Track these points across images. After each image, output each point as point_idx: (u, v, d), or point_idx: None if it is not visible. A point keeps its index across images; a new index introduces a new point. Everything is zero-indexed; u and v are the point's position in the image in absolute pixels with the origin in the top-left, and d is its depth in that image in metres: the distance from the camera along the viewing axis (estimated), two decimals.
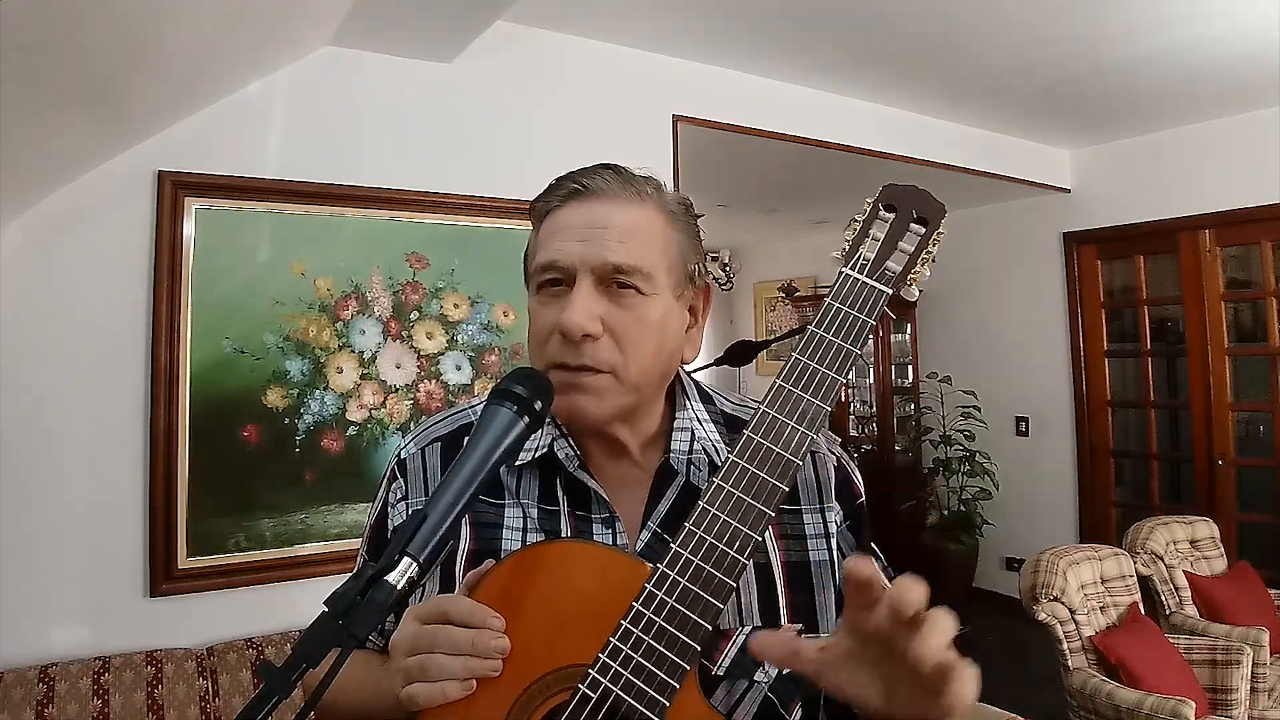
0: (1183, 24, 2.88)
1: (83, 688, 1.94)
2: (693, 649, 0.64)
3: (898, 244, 0.77)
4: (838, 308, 0.74)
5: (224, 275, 2.31)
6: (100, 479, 2.17)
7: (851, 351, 0.72)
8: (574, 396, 0.77)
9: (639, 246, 0.79)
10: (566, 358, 0.76)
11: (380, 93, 2.55)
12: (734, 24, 2.87)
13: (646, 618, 0.65)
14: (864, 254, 0.76)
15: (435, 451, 0.87)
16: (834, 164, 3.91)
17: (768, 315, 7.36)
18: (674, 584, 0.66)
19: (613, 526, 0.80)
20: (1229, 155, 4.02)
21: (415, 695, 0.64)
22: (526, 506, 0.82)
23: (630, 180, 0.82)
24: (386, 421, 2.52)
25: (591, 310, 0.76)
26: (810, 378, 0.71)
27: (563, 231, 0.80)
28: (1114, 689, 2.51)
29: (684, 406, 0.86)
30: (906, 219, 0.78)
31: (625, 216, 0.80)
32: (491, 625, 0.66)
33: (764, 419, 0.71)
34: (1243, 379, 4.21)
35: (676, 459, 0.82)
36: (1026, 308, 4.96)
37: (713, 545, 0.67)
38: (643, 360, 0.79)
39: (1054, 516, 4.77)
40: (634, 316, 0.78)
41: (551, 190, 0.83)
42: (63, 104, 1.73)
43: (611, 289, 0.78)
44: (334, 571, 2.35)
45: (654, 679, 0.64)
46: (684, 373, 0.90)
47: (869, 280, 0.75)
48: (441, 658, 0.65)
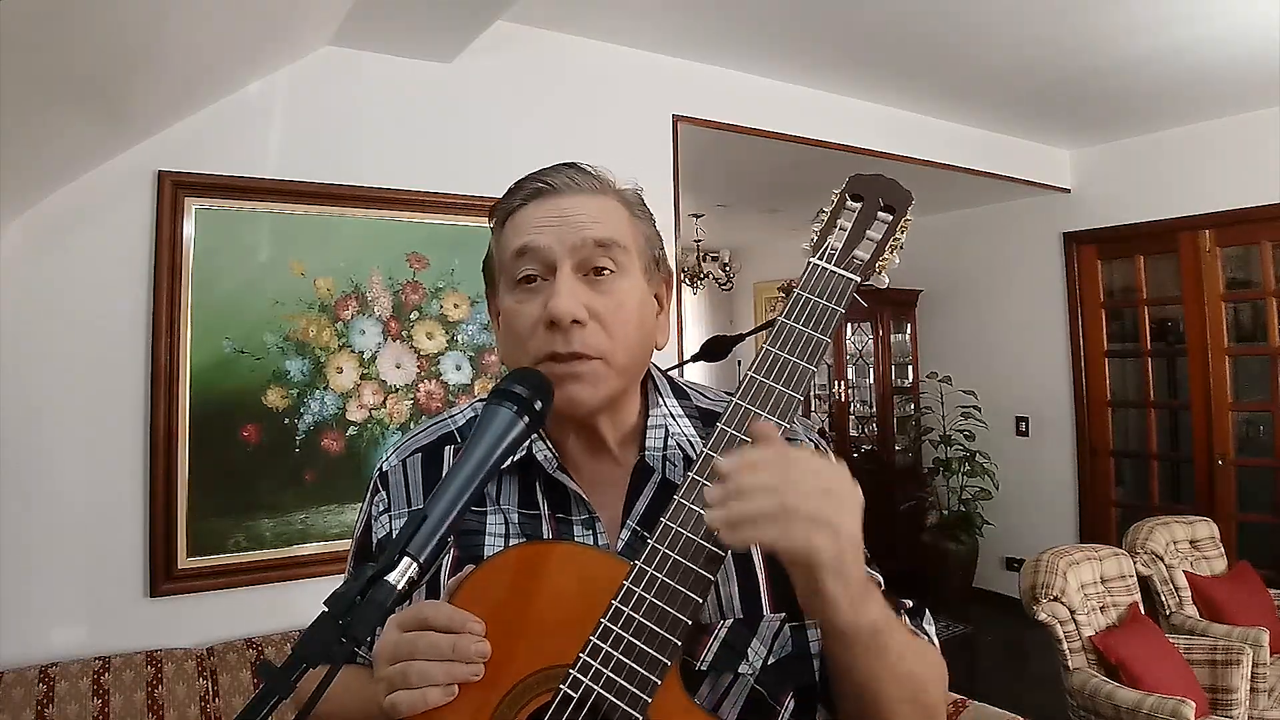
0: (1183, 24, 2.88)
1: (83, 688, 1.94)
2: (673, 644, 0.64)
3: (865, 232, 0.78)
4: (806, 297, 0.74)
5: (224, 275, 2.31)
6: (100, 479, 2.17)
7: (822, 340, 0.72)
8: (569, 386, 0.77)
9: (611, 225, 0.81)
10: (557, 346, 0.76)
11: (380, 93, 2.55)
12: (734, 24, 2.87)
13: (626, 615, 0.65)
14: (831, 243, 0.77)
15: (416, 463, 0.87)
16: (834, 164, 3.91)
17: (767, 315, 7.37)
18: (652, 580, 0.66)
19: (593, 528, 0.80)
20: (1229, 155, 4.02)
21: (398, 703, 0.64)
22: (508, 512, 0.82)
23: (590, 174, 0.84)
24: (386, 421, 2.52)
25: (578, 297, 0.77)
26: (781, 367, 0.72)
27: (532, 223, 0.80)
28: (1114, 689, 2.51)
29: (657, 403, 0.86)
30: (874, 207, 0.79)
31: (592, 204, 0.81)
32: (472, 630, 0.66)
33: (736, 410, 0.71)
34: (1243, 379, 4.21)
35: (652, 456, 0.82)
36: (1026, 308, 4.96)
37: (689, 539, 0.67)
38: (629, 343, 0.79)
39: (1054, 516, 4.77)
40: (615, 301, 0.79)
41: (513, 191, 0.84)
42: (63, 104, 1.73)
43: (589, 276, 0.79)
44: (334, 571, 2.35)
45: (635, 676, 0.64)
46: (656, 369, 0.90)
47: (837, 269, 0.76)
48: (422, 664, 0.65)
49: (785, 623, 0.78)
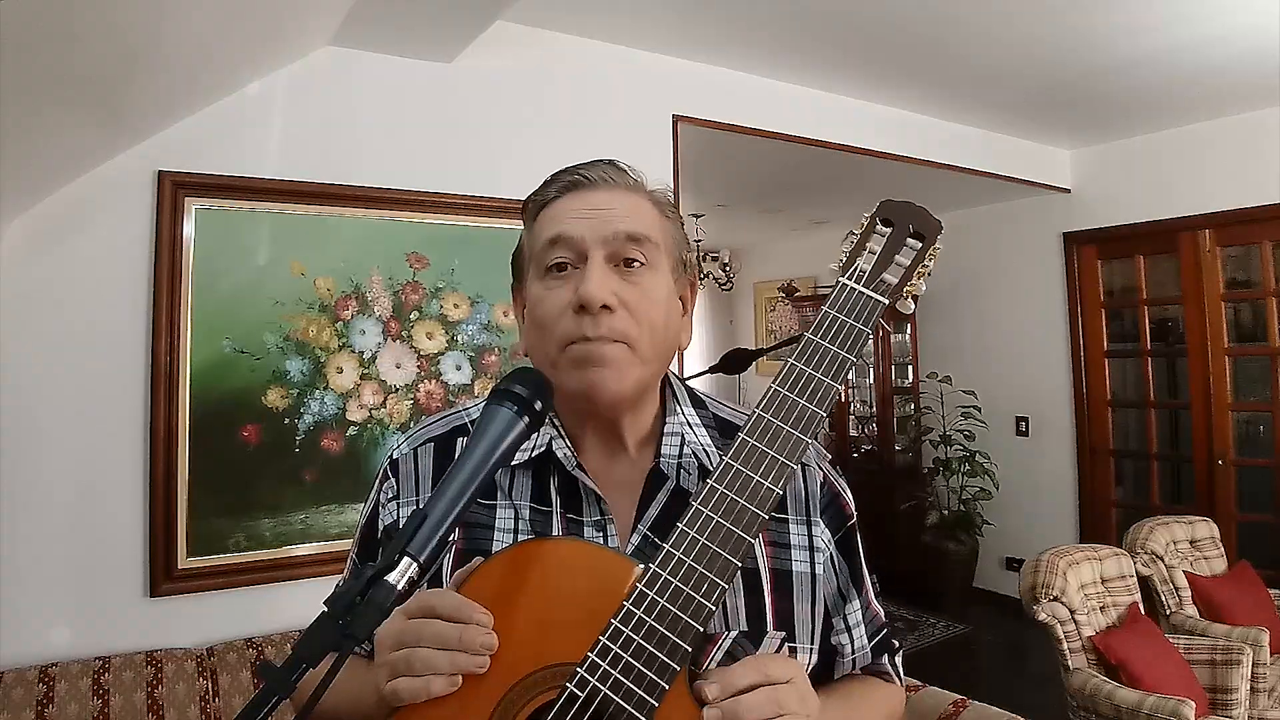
0: (1183, 24, 2.88)
1: (83, 688, 1.94)
2: (683, 650, 0.64)
3: (894, 257, 0.79)
4: (835, 316, 0.75)
5: (224, 275, 2.31)
6: (100, 479, 2.16)
7: (847, 359, 0.73)
8: (593, 370, 0.77)
9: (643, 221, 0.82)
10: (585, 330, 0.77)
11: (380, 93, 2.55)
12: (734, 24, 2.87)
13: (637, 617, 0.65)
14: (861, 265, 0.78)
15: (428, 452, 0.87)
16: (834, 164, 3.91)
17: (768, 315, 7.36)
18: (665, 584, 0.65)
19: (604, 529, 0.80)
20: (1229, 155, 4.02)
21: (399, 689, 0.64)
22: (519, 507, 0.82)
23: (626, 172, 0.85)
24: (386, 421, 2.52)
25: (608, 284, 0.77)
26: (807, 384, 0.72)
27: (567, 214, 0.81)
28: (1114, 689, 2.51)
29: (674, 411, 0.86)
30: (903, 233, 0.80)
31: (626, 200, 0.82)
32: (479, 621, 0.65)
33: (759, 422, 0.71)
34: (1243, 379, 4.21)
35: (666, 463, 0.82)
36: (1026, 308, 4.96)
37: (705, 546, 0.66)
38: (655, 332, 0.80)
39: (1054, 516, 4.77)
40: (643, 291, 0.80)
41: (548, 184, 0.85)
42: (63, 104, 1.73)
43: (620, 267, 0.80)
44: (334, 571, 2.34)
45: (643, 679, 0.63)
46: (675, 377, 0.90)
47: (866, 290, 0.77)
48: (427, 652, 0.64)
49: (785, 642, 0.79)
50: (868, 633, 0.88)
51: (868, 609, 0.89)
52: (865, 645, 0.88)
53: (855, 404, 5.97)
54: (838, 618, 0.86)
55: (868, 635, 0.88)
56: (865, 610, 0.88)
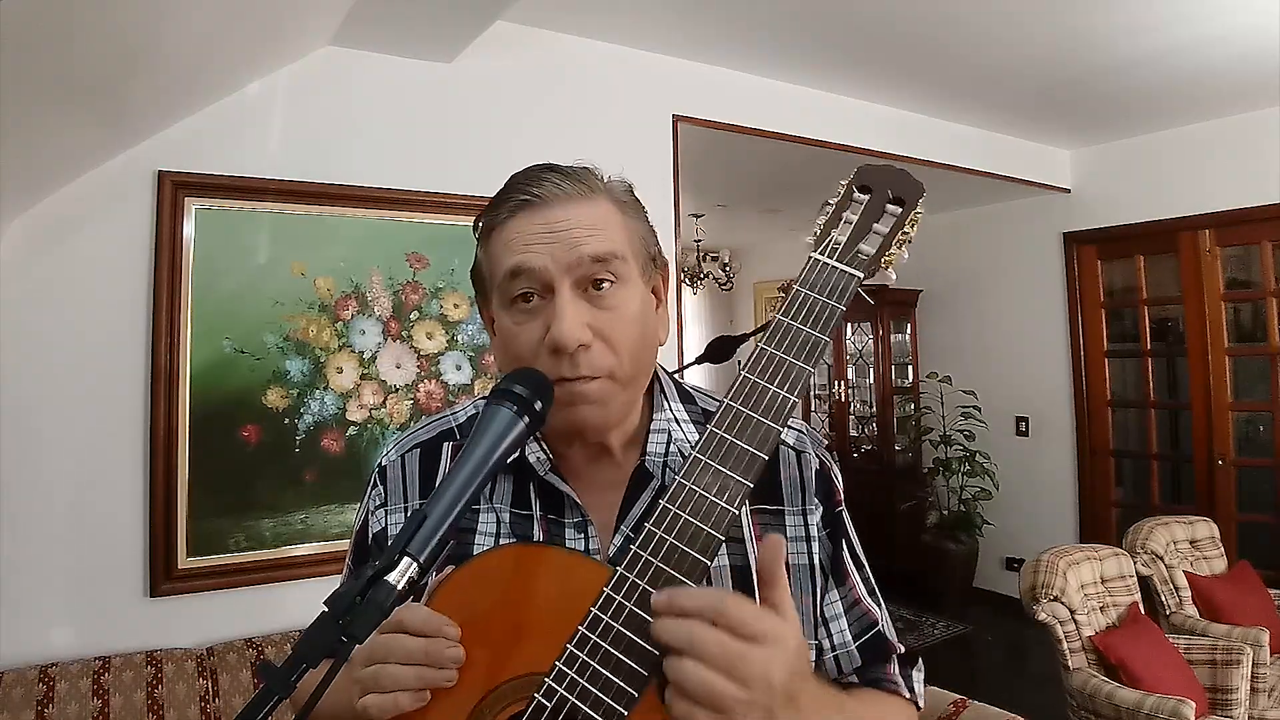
0: (1183, 24, 2.88)
1: (83, 688, 1.94)
2: (653, 656, 0.60)
3: (872, 226, 0.73)
4: (805, 294, 0.70)
5: (224, 275, 2.31)
6: (100, 479, 2.17)
7: (820, 340, 0.69)
8: (578, 409, 0.76)
9: (606, 236, 0.77)
10: (564, 371, 0.74)
11: (380, 93, 2.55)
12: (734, 24, 2.87)
13: (605, 623, 0.62)
14: (835, 238, 0.73)
15: (415, 458, 0.87)
16: (834, 164, 3.91)
17: (768, 315, 7.33)
18: (633, 587, 0.62)
19: (585, 531, 0.79)
20: (1229, 155, 4.02)
21: (369, 706, 0.64)
22: (500, 511, 0.81)
23: (577, 178, 0.80)
24: (386, 421, 2.52)
25: (580, 319, 0.74)
26: (777, 367, 0.68)
27: (523, 238, 0.76)
28: (1114, 689, 2.51)
29: (662, 407, 0.85)
30: (882, 199, 0.74)
31: (583, 212, 0.77)
32: (446, 634, 0.64)
33: (728, 412, 0.67)
34: (1243, 379, 4.21)
35: (651, 461, 0.81)
36: (1026, 308, 4.96)
37: (673, 546, 0.63)
38: (634, 353, 0.78)
39: (1054, 516, 4.77)
40: (617, 315, 0.76)
41: (499, 203, 0.80)
42: (63, 104, 1.73)
43: (588, 291, 0.76)
44: (334, 571, 2.34)
45: (610, 687, 0.61)
46: (663, 372, 0.88)
47: (839, 265, 0.72)
48: (394, 668, 0.64)
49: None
50: (852, 630, 0.85)
51: (855, 606, 0.85)
52: (849, 643, 0.84)
53: (855, 404, 5.97)
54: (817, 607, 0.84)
55: (852, 633, 0.85)
56: (849, 604, 0.85)
